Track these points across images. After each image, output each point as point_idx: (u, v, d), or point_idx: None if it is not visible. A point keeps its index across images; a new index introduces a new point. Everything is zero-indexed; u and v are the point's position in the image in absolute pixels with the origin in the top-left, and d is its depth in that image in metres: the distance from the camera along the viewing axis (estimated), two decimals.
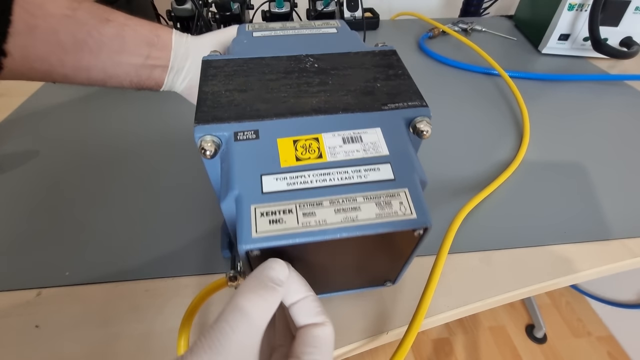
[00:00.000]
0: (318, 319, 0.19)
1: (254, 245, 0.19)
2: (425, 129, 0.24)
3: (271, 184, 0.21)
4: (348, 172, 0.21)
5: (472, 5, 0.89)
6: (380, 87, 0.25)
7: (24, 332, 0.29)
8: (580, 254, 0.35)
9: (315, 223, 0.19)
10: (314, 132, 0.23)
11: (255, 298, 0.17)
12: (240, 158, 0.22)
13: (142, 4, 0.71)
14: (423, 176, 0.22)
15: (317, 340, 0.18)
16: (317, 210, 0.20)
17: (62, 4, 0.27)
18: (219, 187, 0.24)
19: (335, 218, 0.19)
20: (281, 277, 0.18)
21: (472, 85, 0.60)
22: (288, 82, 0.26)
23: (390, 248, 0.23)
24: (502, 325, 1.07)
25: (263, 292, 0.17)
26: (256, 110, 0.23)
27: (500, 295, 0.32)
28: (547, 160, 0.45)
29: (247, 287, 0.18)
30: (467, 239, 0.36)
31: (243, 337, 0.16)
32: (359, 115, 0.23)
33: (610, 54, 0.62)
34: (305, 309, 0.19)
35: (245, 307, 0.17)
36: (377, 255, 0.24)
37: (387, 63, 0.28)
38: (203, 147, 0.21)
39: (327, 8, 0.72)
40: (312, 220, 0.19)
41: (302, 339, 0.18)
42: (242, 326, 0.16)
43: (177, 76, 0.33)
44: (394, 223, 0.20)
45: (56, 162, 0.45)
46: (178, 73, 0.32)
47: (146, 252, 0.34)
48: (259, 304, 0.17)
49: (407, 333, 0.27)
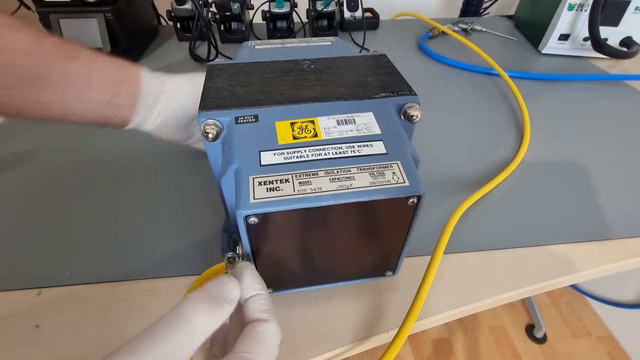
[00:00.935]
0: (263, 316, 0.18)
1: (252, 211, 0.20)
2: (415, 113, 0.25)
3: (269, 158, 0.22)
4: (342, 147, 0.23)
5: (472, 5, 0.89)
6: (372, 81, 0.28)
7: (24, 332, 0.29)
8: (580, 254, 0.35)
9: (311, 190, 0.20)
10: (310, 117, 0.25)
11: (201, 310, 0.17)
12: (240, 137, 0.23)
13: (142, 3, 0.71)
14: (415, 154, 0.23)
15: (258, 337, 0.18)
16: (312, 180, 0.21)
17: (25, 39, 0.26)
18: (218, 171, 0.26)
19: (331, 186, 0.21)
20: (232, 297, 0.18)
21: (472, 85, 0.61)
22: (286, 79, 0.28)
23: (387, 223, 0.24)
24: (502, 325, 1.07)
25: (211, 306, 0.17)
26: (256, 100, 0.25)
27: (500, 295, 0.32)
28: (546, 160, 0.45)
29: (196, 298, 0.17)
30: (467, 239, 0.36)
31: (176, 345, 0.16)
32: (352, 103, 0.25)
33: (610, 54, 0.62)
34: (255, 305, 0.19)
35: (189, 316, 0.16)
36: (375, 234, 0.25)
37: (377, 64, 0.30)
38: (206, 130, 0.23)
39: (327, 8, 0.72)
40: (308, 188, 0.20)
41: (245, 334, 0.18)
42: (180, 335, 0.16)
43: (148, 115, 0.32)
44: (387, 190, 0.21)
45: (56, 162, 0.45)
46: (149, 112, 0.32)
47: (147, 252, 0.34)
48: (204, 317, 0.17)
49: (400, 330, 0.27)
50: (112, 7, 0.58)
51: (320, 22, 0.76)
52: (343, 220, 0.22)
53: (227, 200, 0.23)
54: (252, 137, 0.23)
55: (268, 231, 0.22)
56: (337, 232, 0.24)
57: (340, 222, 0.22)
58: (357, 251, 0.26)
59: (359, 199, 0.20)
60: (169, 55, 0.70)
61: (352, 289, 0.32)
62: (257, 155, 0.22)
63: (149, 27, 0.76)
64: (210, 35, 0.63)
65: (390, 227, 0.24)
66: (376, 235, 0.25)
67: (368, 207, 0.21)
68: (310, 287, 0.28)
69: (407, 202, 0.21)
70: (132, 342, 0.15)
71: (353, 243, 0.25)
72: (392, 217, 0.23)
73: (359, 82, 0.27)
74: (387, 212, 0.22)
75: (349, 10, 0.75)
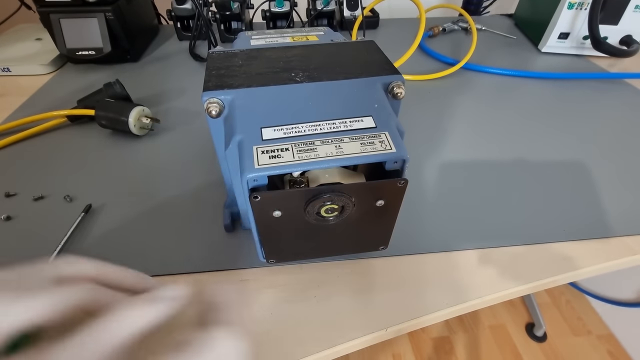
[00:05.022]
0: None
1: (256, 174, 0.22)
2: (400, 90, 0.28)
3: (270, 134, 0.24)
4: (336, 123, 0.25)
5: (472, 4, 0.89)
6: (361, 63, 0.30)
7: None
8: (579, 252, 0.35)
9: (308, 157, 0.23)
10: (305, 96, 0.27)
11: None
12: (241, 114, 0.26)
13: (143, 3, 0.72)
14: (401, 127, 0.26)
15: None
16: (310, 148, 0.24)
17: None
18: (221, 147, 0.29)
19: (326, 153, 0.23)
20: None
21: (473, 84, 0.61)
22: (281, 62, 0.30)
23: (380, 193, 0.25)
24: (502, 324, 1.08)
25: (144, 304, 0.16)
26: (255, 80, 0.28)
27: (499, 292, 0.32)
28: (546, 158, 0.45)
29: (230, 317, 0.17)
30: (466, 237, 0.36)
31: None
32: (343, 82, 0.28)
33: (610, 52, 0.62)
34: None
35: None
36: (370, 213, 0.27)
37: (365, 48, 0.33)
38: (209, 108, 0.26)
39: (327, 7, 0.72)
40: (306, 155, 0.23)
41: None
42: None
43: None
44: (376, 155, 0.23)
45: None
46: None
47: (148, 251, 0.35)
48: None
49: None
50: (112, 7, 0.59)
51: (320, 21, 0.76)
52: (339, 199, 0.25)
53: (231, 169, 0.26)
54: (253, 114, 0.26)
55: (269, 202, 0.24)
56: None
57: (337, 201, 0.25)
58: (353, 228, 0.28)
59: (351, 163, 0.23)
60: (169, 55, 0.70)
61: (351, 288, 0.32)
62: (259, 131, 0.24)
63: (149, 27, 0.76)
64: (210, 34, 0.63)
65: (384, 207, 0.26)
66: (371, 214, 0.27)
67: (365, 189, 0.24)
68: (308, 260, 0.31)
69: (397, 185, 0.25)
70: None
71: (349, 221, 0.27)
72: (386, 197, 0.26)
73: (347, 63, 0.30)
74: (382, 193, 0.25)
75: (348, 9, 0.75)
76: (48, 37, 0.62)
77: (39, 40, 0.71)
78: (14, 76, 0.62)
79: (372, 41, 0.34)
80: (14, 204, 0.39)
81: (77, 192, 0.40)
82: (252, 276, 0.32)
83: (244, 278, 0.32)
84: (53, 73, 0.64)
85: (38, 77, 0.62)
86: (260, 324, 0.29)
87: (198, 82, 0.52)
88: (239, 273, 0.33)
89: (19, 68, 0.62)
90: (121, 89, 0.50)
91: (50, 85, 0.60)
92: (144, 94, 0.57)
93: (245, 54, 0.32)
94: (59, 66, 0.65)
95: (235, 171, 0.26)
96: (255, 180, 0.23)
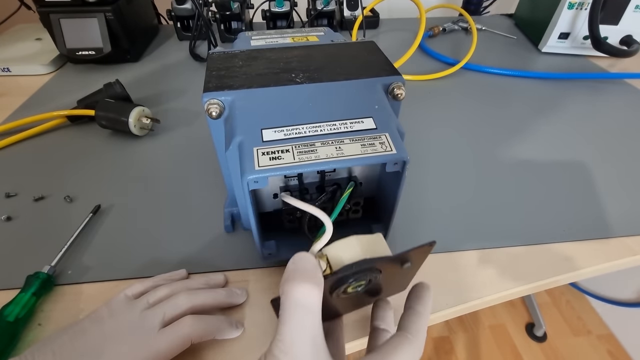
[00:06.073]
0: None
1: (257, 175, 0.22)
2: (400, 92, 0.27)
3: (270, 135, 0.24)
4: (336, 124, 0.25)
5: (472, 4, 0.89)
6: (361, 64, 0.30)
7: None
8: (579, 252, 0.35)
9: (308, 158, 0.23)
10: (305, 97, 0.27)
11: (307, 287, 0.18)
12: (242, 115, 0.26)
13: (143, 3, 0.72)
14: (401, 128, 0.26)
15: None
16: (310, 149, 0.23)
17: None
18: (221, 148, 0.29)
19: (327, 154, 0.23)
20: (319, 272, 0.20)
21: (473, 84, 0.61)
22: (281, 62, 0.30)
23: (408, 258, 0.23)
24: (502, 324, 1.08)
25: (309, 279, 0.19)
26: (255, 81, 0.28)
27: (500, 292, 0.32)
28: (546, 158, 0.45)
29: (292, 278, 0.19)
30: (466, 238, 0.36)
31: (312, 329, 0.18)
32: (343, 83, 0.28)
33: (610, 52, 0.62)
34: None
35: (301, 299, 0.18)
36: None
37: (365, 48, 0.33)
38: (209, 109, 0.26)
39: (327, 7, 0.72)
40: (306, 157, 0.23)
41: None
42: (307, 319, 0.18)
43: None
44: (377, 157, 0.23)
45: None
46: None
47: (146, 251, 0.35)
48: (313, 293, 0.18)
49: None
50: (112, 7, 0.59)
51: (320, 21, 0.76)
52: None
53: (231, 170, 0.26)
54: (253, 116, 0.25)
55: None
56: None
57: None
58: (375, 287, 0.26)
59: (351, 164, 0.23)
60: (169, 55, 0.70)
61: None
62: (259, 132, 0.24)
63: (149, 27, 0.76)
64: (210, 34, 0.63)
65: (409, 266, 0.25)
66: (395, 274, 0.25)
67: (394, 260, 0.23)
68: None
69: (426, 249, 0.23)
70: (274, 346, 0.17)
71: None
72: (413, 260, 0.24)
73: (348, 64, 0.30)
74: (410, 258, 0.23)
75: (348, 9, 0.75)
76: (48, 37, 0.62)
77: (39, 40, 0.71)
78: (14, 76, 0.62)
79: (372, 42, 0.34)
80: (14, 205, 0.39)
81: (77, 193, 0.40)
82: (252, 277, 0.32)
83: (244, 279, 0.32)
84: (53, 73, 0.64)
85: (38, 77, 0.62)
86: (261, 324, 0.29)
87: (198, 83, 0.52)
88: (240, 273, 0.33)
89: (19, 68, 0.63)
90: (121, 89, 0.50)
91: (50, 85, 0.60)
92: (144, 94, 0.57)
93: (245, 54, 0.32)
94: (59, 66, 0.65)
95: (236, 172, 0.26)
96: (256, 182, 0.23)
